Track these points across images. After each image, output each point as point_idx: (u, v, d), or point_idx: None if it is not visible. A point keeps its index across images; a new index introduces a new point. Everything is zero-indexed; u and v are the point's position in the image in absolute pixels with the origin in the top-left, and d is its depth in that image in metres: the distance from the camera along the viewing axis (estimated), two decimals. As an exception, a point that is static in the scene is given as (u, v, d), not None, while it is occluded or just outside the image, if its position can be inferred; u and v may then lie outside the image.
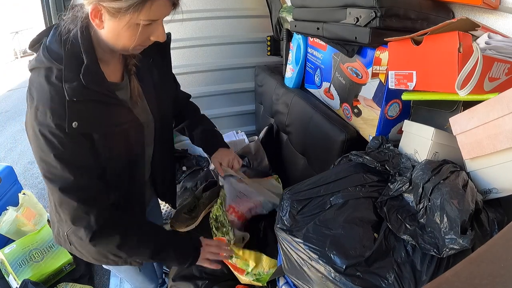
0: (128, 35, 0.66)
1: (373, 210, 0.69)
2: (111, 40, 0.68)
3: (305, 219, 0.69)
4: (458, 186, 0.62)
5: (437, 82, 0.69)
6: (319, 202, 0.71)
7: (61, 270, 1.59)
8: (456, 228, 0.56)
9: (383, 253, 0.61)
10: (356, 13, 0.89)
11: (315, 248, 0.63)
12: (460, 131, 0.66)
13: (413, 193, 0.67)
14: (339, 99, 1.16)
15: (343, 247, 0.62)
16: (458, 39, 0.61)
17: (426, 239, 0.60)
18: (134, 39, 0.67)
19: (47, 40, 0.68)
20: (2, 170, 1.91)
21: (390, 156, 0.79)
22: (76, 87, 0.65)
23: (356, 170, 0.78)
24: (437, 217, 0.60)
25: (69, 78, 0.65)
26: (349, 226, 0.65)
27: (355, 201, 0.70)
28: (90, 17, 0.64)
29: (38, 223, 1.86)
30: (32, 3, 6.45)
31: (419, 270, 0.58)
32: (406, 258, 0.60)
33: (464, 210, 0.57)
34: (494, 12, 0.81)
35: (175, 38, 1.71)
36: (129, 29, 0.64)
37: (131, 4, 0.60)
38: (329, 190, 0.73)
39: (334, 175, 0.77)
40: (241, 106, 2.00)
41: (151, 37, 0.70)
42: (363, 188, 0.73)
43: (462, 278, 0.30)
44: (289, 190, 0.78)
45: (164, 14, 0.67)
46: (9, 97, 4.93)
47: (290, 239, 0.67)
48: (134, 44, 0.68)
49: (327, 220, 0.67)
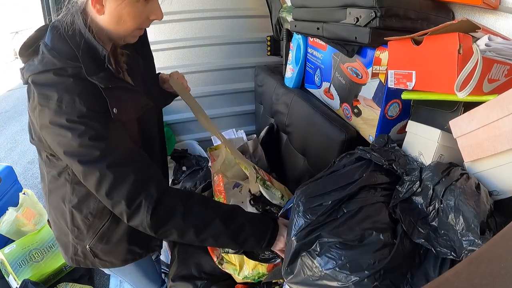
0: (129, 14, 0.67)
1: (387, 215, 0.66)
2: (112, 24, 0.68)
3: (318, 229, 0.66)
4: (472, 187, 0.61)
5: (437, 83, 0.69)
6: (332, 210, 0.68)
7: (61, 270, 1.60)
8: (475, 229, 0.54)
9: (399, 259, 0.59)
10: (356, 13, 0.89)
11: (331, 257, 0.60)
12: (460, 134, 0.66)
13: (423, 195, 0.66)
14: (339, 99, 1.16)
15: (359, 257, 0.59)
16: (458, 41, 0.61)
17: (441, 242, 0.58)
18: (135, 18, 0.68)
19: (45, 42, 0.66)
20: (2, 170, 1.91)
21: (396, 156, 0.77)
22: (104, 76, 0.66)
23: (366, 169, 0.75)
24: (451, 219, 0.58)
25: (93, 71, 0.65)
26: (365, 233, 0.62)
27: (369, 207, 0.67)
28: (91, 3, 0.64)
29: (38, 223, 1.86)
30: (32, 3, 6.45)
31: (432, 276, 0.56)
32: (419, 265, 0.58)
33: (481, 211, 0.56)
34: (494, 12, 0.82)
35: (175, 38, 1.72)
36: (129, 6, 0.65)
37: None
38: (343, 195, 0.69)
39: (346, 177, 0.74)
40: (241, 106, 2.00)
41: (150, 17, 0.71)
42: (376, 192, 0.70)
43: (462, 278, 0.30)
44: (300, 193, 0.74)
45: None
46: (9, 97, 4.94)
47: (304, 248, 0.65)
48: (135, 25, 0.69)
49: (342, 229, 0.64)
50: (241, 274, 0.95)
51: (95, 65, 0.66)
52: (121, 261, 0.92)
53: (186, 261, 1.11)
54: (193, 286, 1.05)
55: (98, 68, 0.66)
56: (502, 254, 0.32)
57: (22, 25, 7.50)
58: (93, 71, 0.65)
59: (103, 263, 0.91)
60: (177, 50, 1.75)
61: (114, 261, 0.91)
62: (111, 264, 0.92)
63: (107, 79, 0.66)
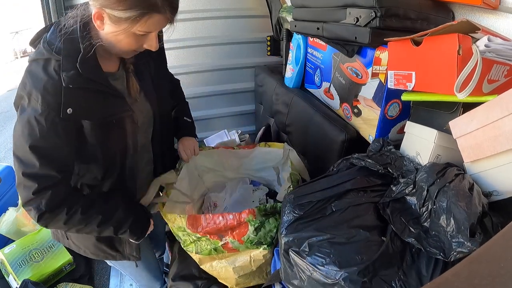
0: (124, 41, 0.73)
1: (376, 215, 0.68)
2: (108, 41, 0.74)
3: (307, 226, 0.68)
4: (464, 189, 0.61)
5: (436, 84, 0.69)
6: (321, 208, 0.70)
7: (61, 270, 1.59)
8: (464, 231, 0.55)
9: (390, 257, 0.60)
10: (356, 13, 0.89)
11: (320, 256, 0.61)
12: (460, 134, 0.66)
13: (417, 195, 0.66)
14: (339, 99, 1.16)
15: (348, 253, 0.60)
16: (457, 42, 0.61)
17: (431, 242, 0.59)
18: (130, 45, 0.74)
19: (47, 35, 0.73)
20: (2, 170, 1.91)
21: (392, 159, 0.78)
22: (72, 75, 0.69)
23: (359, 173, 0.77)
24: (443, 221, 0.58)
25: (66, 68, 0.69)
26: (354, 231, 0.64)
27: (358, 207, 0.69)
28: (93, 18, 0.70)
29: (38, 223, 1.86)
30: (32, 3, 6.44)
31: (424, 275, 0.57)
32: (412, 263, 0.59)
33: (472, 213, 0.56)
34: (494, 12, 0.82)
35: (175, 38, 1.72)
36: (125, 35, 0.71)
37: (130, 16, 0.68)
38: (331, 195, 0.72)
39: (336, 179, 0.76)
40: (241, 106, 1.99)
41: (144, 45, 0.77)
42: (365, 194, 0.72)
43: (462, 278, 0.30)
44: (291, 193, 0.77)
45: (158, 28, 0.74)
46: (9, 97, 4.94)
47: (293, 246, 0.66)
48: (128, 49, 0.76)
49: (329, 226, 0.66)
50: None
51: (72, 62, 0.70)
52: (92, 254, 0.97)
53: (186, 261, 1.11)
54: (194, 285, 1.06)
55: (72, 66, 0.70)
56: (502, 254, 0.32)
57: (22, 25, 7.50)
58: (66, 67, 0.69)
59: (77, 248, 0.97)
60: (177, 50, 1.74)
61: (87, 251, 0.96)
62: (85, 252, 0.97)
63: (73, 79, 0.69)
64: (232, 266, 0.93)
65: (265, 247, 0.88)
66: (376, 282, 0.56)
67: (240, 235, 0.87)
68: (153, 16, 0.70)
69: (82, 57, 0.70)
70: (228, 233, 0.88)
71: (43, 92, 0.68)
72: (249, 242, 0.88)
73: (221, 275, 0.98)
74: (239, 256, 0.93)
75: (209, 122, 1.95)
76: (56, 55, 0.69)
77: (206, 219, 0.88)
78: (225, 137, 1.60)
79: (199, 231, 0.89)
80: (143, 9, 0.68)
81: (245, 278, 0.96)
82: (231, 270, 0.94)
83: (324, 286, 0.60)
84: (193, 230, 0.89)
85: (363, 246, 0.61)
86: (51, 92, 0.68)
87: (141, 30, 0.71)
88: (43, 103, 0.68)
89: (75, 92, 0.70)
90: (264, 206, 0.88)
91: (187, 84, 1.84)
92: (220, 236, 0.89)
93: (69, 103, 0.70)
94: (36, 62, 0.71)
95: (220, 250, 0.91)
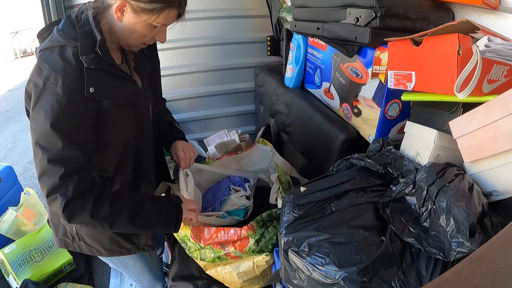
0: (141, 32, 0.77)
1: (376, 215, 0.68)
2: (124, 33, 0.78)
3: (306, 226, 0.68)
4: (464, 189, 0.61)
5: (436, 84, 0.69)
6: (320, 208, 0.70)
7: (61, 270, 1.60)
8: (464, 231, 0.55)
9: (389, 257, 0.59)
10: (356, 13, 0.89)
11: (319, 255, 0.61)
12: (460, 134, 0.66)
13: (416, 195, 0.66)
14: (339, 99, 1.16)
15: (348, 253, 0.60)
16: (457, 42, 0.61)
17: (430, 242, 0.58)
18: (144, 36, 0.78)
19: (58, 26, 0.76)
20: (2, 170, 1.91)
21: (392, 159, 0.78)
22: (93, 57, 0.73)
23: (358, 173, 0.77)
24: (442, 220, 0.58)
25: (86, 52, 0.72)
26: (353, 231, 0.64)
27: (357, 206, 0.69)
28: (115, 9, 0.74)
29: (38, 223, 1.86)
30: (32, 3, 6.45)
31: (424, 275, 0.57)
32: (411, 263, 0.59)
33: (471, 213, 0.56)
34: (494, 12, 0.82)
35: (175, 38, 1.72)
36: (143, 26, 0.76)
37: (154, 7, 0.73)
38: (331, 195, 0.72)
39: (336, 179, 0.76)
40: (241, 106, 2.00)
41: (155, 38, 0.81)
42: (365, 194, 0.72)
43: (462, 278, 0.30)
44: (291, 193, 0.77)
45: (171, 22, 0.80)
46: (9, 97, 4.94)
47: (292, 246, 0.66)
48: (142, 41, 0.80)
49: (329, 226, 0.66)
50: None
51: (90, 47, 0.73)
52: (106, 251, 0.94)
53: (186, 261, 1.11)
54: (194, 285, 1.06)
55: (91, 50, 0.73)
56: (502, 254, 0.32)
57: (22, 25, 7.50)
58: (85, 51, 0.72)
59: (89, 248, 0.93)
60: (177, 50, 1.75)
61: (100, 249, 0.93)
62: (98, 252, 0.94)
63: (94, 61, 0.72)
64: (236, 272, 0.95)
65: (267, 253, 0.90)
66: (376, 282, 0.56)
67: (242, 246, 0.90)
68: (172, 10, 0.75)
69: (100, 42, 0.73)
70: (230, 244, 0.91)
71: (63, 75, 0.70)
72: (251, 251, 0.90)
73: (226, 280, 0.99)
74: (242, 262, 0.94)
75: (209, 122, 1.95)
76: (73, 42, 0.72)
77: (209, 232, 0.92)
78: (225, 137, 1.59)
79: (202, 242, 0.92)
80: (166, 2, 0.73)
81: (249, 282, 0.97)
82: (236, 275, 0.95)
83: (324, 286, 0.60)
84: (197, 241, 0.92)
85: (362, 246, 0.61)
86: (71, 74, 0.70)
87: (159, 22, 0.75)
88: (64, 85, 0.69)
89: (96, 73, 0.73)
90: (261, 217, 0.91)
91: (187, 84, 1.84)
92: (222, 246, 0.92)
93: (91, 82, 0.72)
94: (50, 50, 0.73)
95: (224, 258, 0.93)
